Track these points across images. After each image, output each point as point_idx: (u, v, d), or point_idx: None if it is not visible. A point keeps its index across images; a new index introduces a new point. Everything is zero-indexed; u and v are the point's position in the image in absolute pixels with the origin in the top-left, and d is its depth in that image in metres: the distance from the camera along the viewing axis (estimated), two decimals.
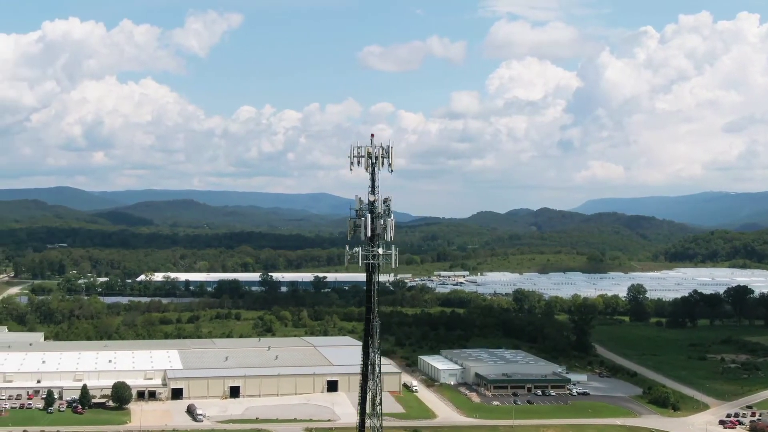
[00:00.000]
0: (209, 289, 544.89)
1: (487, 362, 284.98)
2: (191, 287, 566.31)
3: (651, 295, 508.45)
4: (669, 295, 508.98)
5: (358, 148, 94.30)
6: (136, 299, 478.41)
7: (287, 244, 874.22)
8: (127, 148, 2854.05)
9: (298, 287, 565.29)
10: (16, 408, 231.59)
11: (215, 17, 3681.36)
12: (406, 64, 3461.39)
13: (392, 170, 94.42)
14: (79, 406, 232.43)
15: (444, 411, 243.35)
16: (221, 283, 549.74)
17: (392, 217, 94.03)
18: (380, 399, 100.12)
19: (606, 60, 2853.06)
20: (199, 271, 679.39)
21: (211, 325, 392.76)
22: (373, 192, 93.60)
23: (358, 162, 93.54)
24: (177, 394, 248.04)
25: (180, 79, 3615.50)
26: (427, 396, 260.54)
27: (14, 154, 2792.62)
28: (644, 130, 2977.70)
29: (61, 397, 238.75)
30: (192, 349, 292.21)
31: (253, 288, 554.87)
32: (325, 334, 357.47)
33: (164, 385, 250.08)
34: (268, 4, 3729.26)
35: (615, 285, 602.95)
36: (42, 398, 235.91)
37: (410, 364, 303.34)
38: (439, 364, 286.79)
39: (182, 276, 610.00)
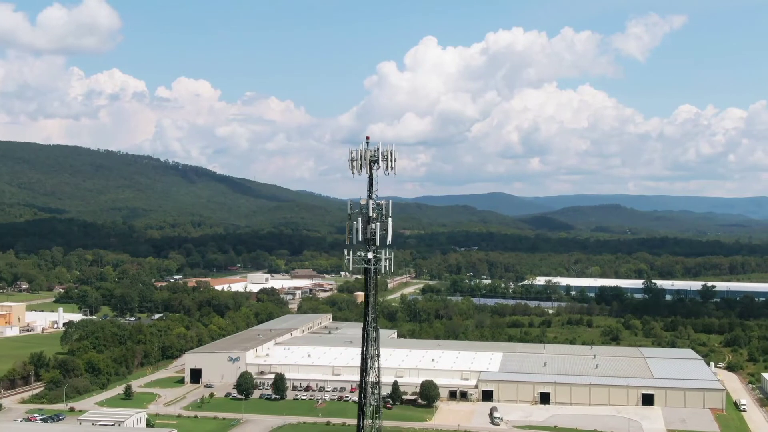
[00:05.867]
0: (590, 294, 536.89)
1: None
2: (572, 292, 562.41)
3: None
4: None
5: (357, 151, 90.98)
6: (504, 302, 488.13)
7: (702, 251, 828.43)
8: (562, 153, 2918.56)
9: (685, 296, 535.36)
10: (334, 400, 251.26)
11: (657, 20, 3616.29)
12: None
13: (393, 174, 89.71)
14: (389, 402, 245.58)
15: None
16: (602, 289, 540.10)
17: (389, 221, 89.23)
18: (380, 409, 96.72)
19: None
20: (591, 276, 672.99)
21: (559, 330, 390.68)
22: (369, 195, 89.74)
23: (360, 165, 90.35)
24: (487, 396, 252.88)
25: (617, 84, 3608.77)
26: (755, 416, 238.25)
27: (456, 163, 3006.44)
28: None
29: None
30: (516, 353, 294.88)
31: (636, 295, 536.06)
32: (673, 345, 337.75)
33: (476, 386, 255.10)
34: (714, 3, 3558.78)
35: None
36: None
37: (752, 382, 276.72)
38: None
39: (565, 281, 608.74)
